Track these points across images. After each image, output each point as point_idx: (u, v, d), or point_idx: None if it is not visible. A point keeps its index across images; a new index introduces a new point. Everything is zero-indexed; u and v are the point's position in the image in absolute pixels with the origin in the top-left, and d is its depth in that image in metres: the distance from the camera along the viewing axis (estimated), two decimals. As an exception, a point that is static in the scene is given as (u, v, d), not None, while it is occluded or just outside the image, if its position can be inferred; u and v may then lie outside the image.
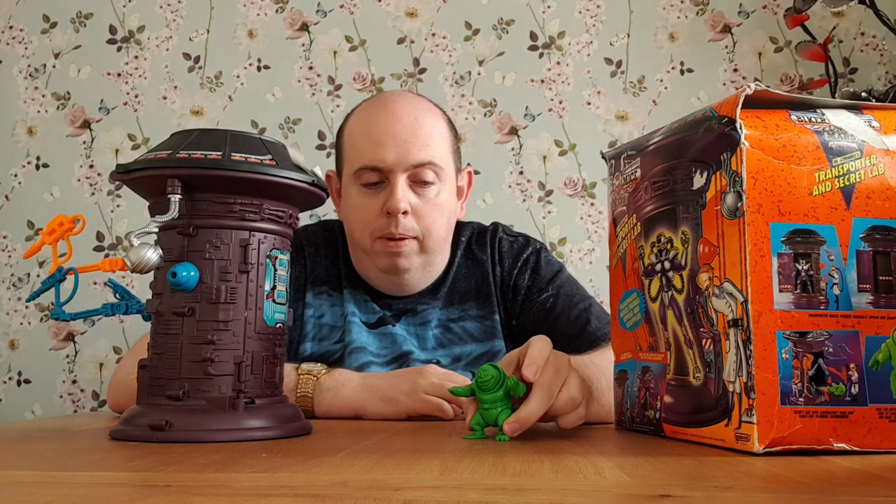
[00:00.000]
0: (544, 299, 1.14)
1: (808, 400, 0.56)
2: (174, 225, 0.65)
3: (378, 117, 1.09)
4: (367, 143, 1.08)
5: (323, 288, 1.16)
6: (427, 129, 1.09)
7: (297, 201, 0.71)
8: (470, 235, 1.21)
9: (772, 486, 0.45)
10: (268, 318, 0.67)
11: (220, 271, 0.65)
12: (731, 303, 0.58)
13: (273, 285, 0.68)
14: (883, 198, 0.60)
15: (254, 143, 0.68)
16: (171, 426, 0.62)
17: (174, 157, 0.65)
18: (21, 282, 1.76)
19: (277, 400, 0.69)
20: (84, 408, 1.73)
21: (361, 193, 1.09)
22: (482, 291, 1.16)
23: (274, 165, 0.66)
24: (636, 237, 0.72)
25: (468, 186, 1.21)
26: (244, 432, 0.63)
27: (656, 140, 0.70)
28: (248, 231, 0.67)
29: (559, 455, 0.56)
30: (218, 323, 0.65)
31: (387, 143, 1.06)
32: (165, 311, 0.65)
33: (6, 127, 1.80)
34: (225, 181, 0.65)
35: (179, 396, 0.63)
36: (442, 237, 1.12)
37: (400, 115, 1.08)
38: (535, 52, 1.76)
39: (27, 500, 0.39)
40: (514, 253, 1.18)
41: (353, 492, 0.41)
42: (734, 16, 1.74)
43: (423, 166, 1.07)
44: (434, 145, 1.09)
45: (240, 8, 1.80)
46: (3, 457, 0.56)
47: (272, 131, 1.76)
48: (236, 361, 0.65)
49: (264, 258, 0.68)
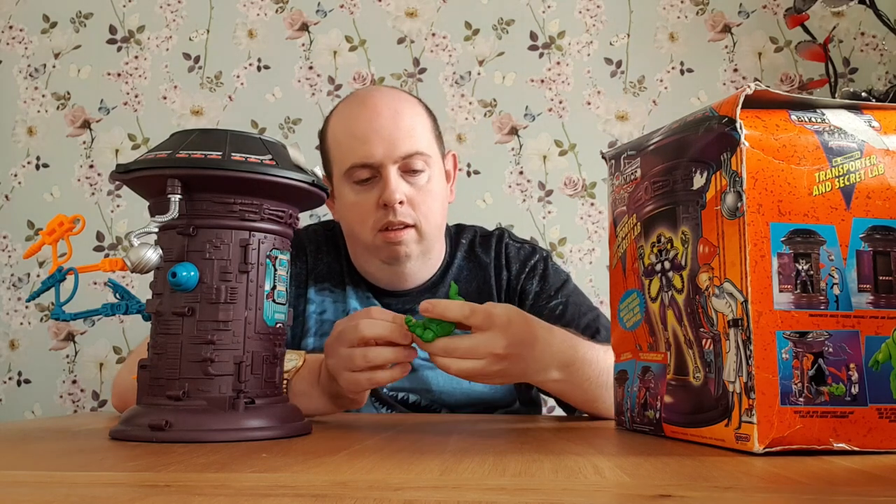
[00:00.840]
0: (554, 306, 1.14)
1: (808, 400, 0.56)
2: (174, 225, 0.65)
3: (359, 115, 1.10)
4: (352, 141, 1.08)
5: (325, 284, 1.16)
6: (408, 119, 1.10)
7: (297, 201, 0.71)
8: (472, 238, 1.22)
9: (772, 486, 0.45)
10: (268, 318, 0.67)
11: (220, 271, 0.65)
12: (731, 303, 0.58)
13: (273, 285, 0.68)
14: (883, 198, 0.60)
15: (254, 143, 0.68)
16: (171, 426, 0.62)
17: (174, 157, 0.65)
18: (21, 282, 1.76)
19: (278, 400, 0.69)
20: (84, 408, 1.73)
21: (355, 191, 1.09)
22: (483, 294, 1.16)
23: (274, 165, 0.66)
24: (636, 237, 0.72)
25: (454, 169, 1.22)
26: (244, 432, 0.63)
27: (656, 140, 0.70)
28: (248, 231, 0.67)
29: (559, 455, 0.56)
30: (218, 323, 0.65)
31: (372, 139, 1.07)
32: (165, 311, 0.65)
33: (6, 127, 1.80)
34: (225, 181, 0.65)
35: (179, 396, 0.63)
36: (438, 222, 1.12)
37: (380, 109, 1.09)
38: (535, 52, 1.76)
39: (27, 500, 0.39)
40: (522, 258, 1.19)
41: (353, 492, 0.41)
42: (734, 16, 1.74)
43: (411, 157, 1.08)
44: (418, 134, 1.10)
45: (240, 8, 1.80)
46: (3, 457, 0.56)
47: (272, 131, 1.76)
48: (236, 361, 0.65)
49: (264, 258, 0.68)
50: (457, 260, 1.19)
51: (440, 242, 1.17)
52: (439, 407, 1.09)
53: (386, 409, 1.10)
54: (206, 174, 0.65)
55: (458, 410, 1.09)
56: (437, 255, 1.17)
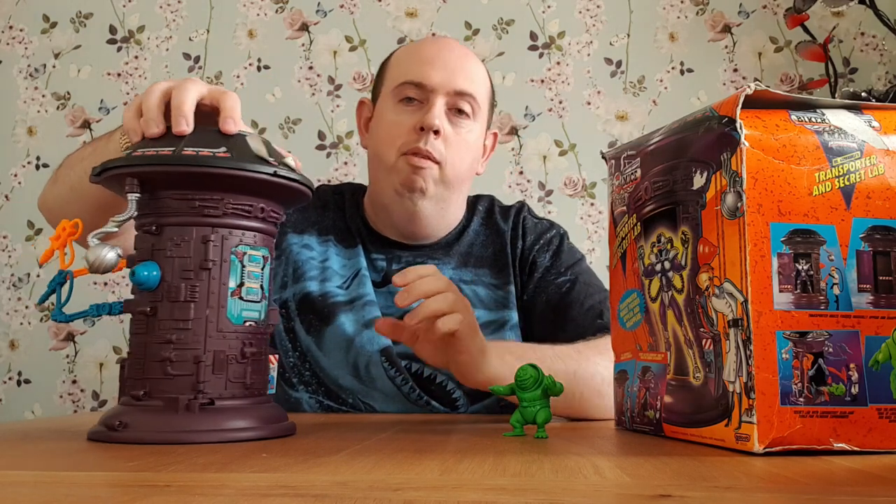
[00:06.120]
0: (561, 283, 1.13)
1: (808, 400, 0.56)
2: (142, 224, 0.65)
3: (430, 43, 1.16)
4: (415, 61, 1.11)
5: (329, 237, 1.15)
6: (474, 67, 1.13)
7: (263, 194, 0.67)
8: (490, 205, 1.22)
9: (772, 486, 0.45)
10: (233, 317, 0.65)
11: (180, 269, 0.64)
12: (731, 303, 0.58)
13: (241, 282, 0.66)
14: (883, 198, 0.60)
15: (211, 137, 0.66)
16: (126, 426, 0.61)
17: (129, 156, 0.65)
18: (21, 282, 1.76)
19: (249, 402, 0.66)
20: (84, 408, 1.73)
21: (397, 111, 1.10)
22: (499, 261, 1.15)
23: (228, 158, 0.64)
24: (636, 237, 0.72)
25: (491, 148, 1.23)
26: (199, 434, 0.61)
27: (656, 140, 0.70)
28: (211, 227, 0.65)
29: (559, 455, 0.56)
30: (177, 322, 0.63)
31: (436, 64, 1.09)
32: (134, 311, 0.65)
33: (6, 127, 1.80)
34: (179, 177, 0.64)
35: (140, 396, 0.62)
36: (462, 175, 1.12)
37: (452, 46, 1.14)
38: (535, 52, 1.76)
39: (27, 500, 0.39)
40: (539, 231, 1.19)
41: (353, 492, 0.41)
42: (734, 16, 1.75)
43: (463, 96, 1.09)
44: (478, 83, 1.12)
45: (240, 8, 1.80)
46: (3, 457, 0.56)
47: (272, 131, 1.76)
48: (196, 361, 0.63)
49: (228, 254, 0.65)
50: (473, 224, 1.19)
51: (459, 197, 1.16)
52: (446, 380, 1.07)
53: (400, 378, 1.06)
54: (159, 171, 0.64)
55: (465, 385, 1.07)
56: (455, 212, 1.17)
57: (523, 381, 0.70)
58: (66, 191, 0.92)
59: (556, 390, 0.70)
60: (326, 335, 1.07)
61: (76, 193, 0.89)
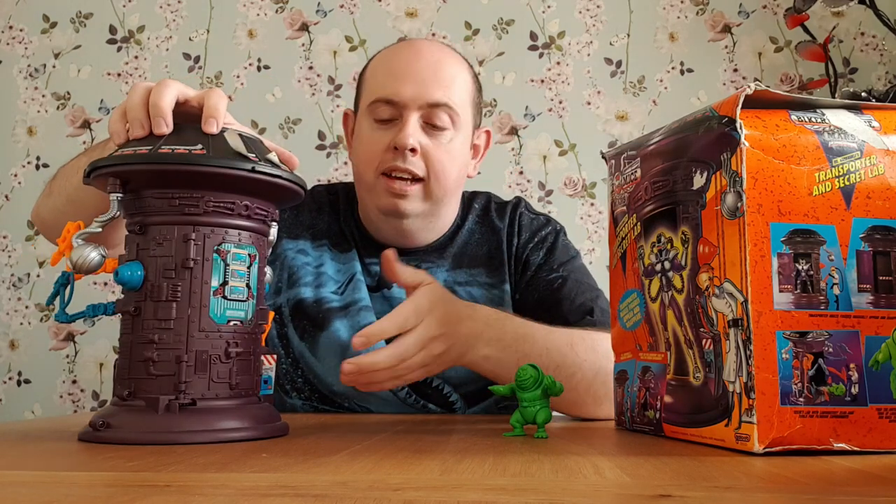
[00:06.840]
0: (552, 279, 1.12)
1: (808, 400, 0.56)
2: (129, 224, 0.65)
3: (400, 54, 1.09)
4: (386, 76, 1.07)
5: (324, 241, 1.14)
6: (449, 71, 1.07)
7: (246, 191, 0.66)
8: (486, 203, 1.20)
9: (772, 486, 0.45)
10: (216, 316, 0.64)
11: (162, 268, 0.63)
12: (731, 303, 0.58)
13: (224, 281, 0.65)
14: (883, 198, 0.60)
15: (190, 135, 0.66)
16: (109, 427, 0.61)
17: (110, 156, 0.64)
18: (21, 282, 1.76)
19: (235, 403, 0.65)
20: (84, 408, 1.73)
21: (372, 128, 1.07)
22: (494, 259, 1.14)
23: (203, 155, 0.63)
24: (636, 237, 0.72)
25: (485, 147, 1.19)
26: (179, 435, 0.61)
27: (656, 140, 0.70)
28: (192, 225, 0.64)
29: (559, 455, 0.56)
30: (160, 321, 0.63)
31: (405, 78, 1.04)
32: (122, 311, 0.65)
33: (6, 127, 1.80)
34: (156, 176, 0.64)
35: (125, 397, 0.62)
36: (450, 186, 1.08)
37: (423, 53, 1.08)
38: (535, 52, 1.76)
39: (27, 500, 0.39)
40: (534, 228, 1.17)
41: (353, 492, 0.41)
42: (734, 16, 1.75)
43: (438, 107, 1.04)
44: (454, 89, 1.07)
45: (240, 8, 1.80)
46: (3, 457, 0.56)
47: (272, 131, 1.76)
48: (178, 361, 0.63)
49: (210, 253, 0.65)
50: (468, 223, 1.17)
51: (451, 207, 1.14)
52: (442, 383, 1.07)
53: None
54: (136, 169, 0.63)
55: (462, 388, 1.07)
56: (446, 219, 1.15)
57: (523, 381, 0.69)
58: (62, 202, 0.91)
59: (556, 390, 0.70)
60: (321, 341, 1.07)
61: (74, 205, 0.88)
